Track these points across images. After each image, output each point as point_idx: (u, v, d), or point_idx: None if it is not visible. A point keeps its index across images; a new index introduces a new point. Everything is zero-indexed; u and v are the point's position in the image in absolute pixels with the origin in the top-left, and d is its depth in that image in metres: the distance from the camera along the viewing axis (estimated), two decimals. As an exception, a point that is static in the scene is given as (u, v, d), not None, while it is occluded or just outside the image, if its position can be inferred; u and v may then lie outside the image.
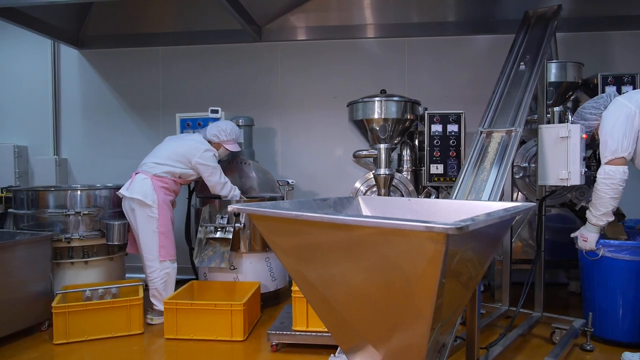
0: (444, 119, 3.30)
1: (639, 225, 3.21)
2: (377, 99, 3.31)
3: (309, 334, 2.70)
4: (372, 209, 2.13)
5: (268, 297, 3.59)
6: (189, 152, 3.33)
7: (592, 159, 3.50)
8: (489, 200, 2.32)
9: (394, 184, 3.51)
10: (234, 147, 3.50)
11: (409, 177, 3.63)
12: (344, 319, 1.60)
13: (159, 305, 3.22)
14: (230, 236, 3.34)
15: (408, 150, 3.66)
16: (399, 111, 3.31)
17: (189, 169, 3.34)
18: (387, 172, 3.31)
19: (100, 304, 2.99)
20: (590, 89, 3.40)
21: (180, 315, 2.92)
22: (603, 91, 3.23)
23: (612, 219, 2.65)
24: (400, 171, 3.65)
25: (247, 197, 3.52)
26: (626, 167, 2.56)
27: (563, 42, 3.69)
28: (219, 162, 3.44)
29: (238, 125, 3.82)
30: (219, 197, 3.42)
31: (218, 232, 3.40)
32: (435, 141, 3.31)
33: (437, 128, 3.31)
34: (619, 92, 3.24)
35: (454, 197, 2.44)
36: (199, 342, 2.89)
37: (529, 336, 2.91)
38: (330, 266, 1.49)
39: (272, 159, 4.43)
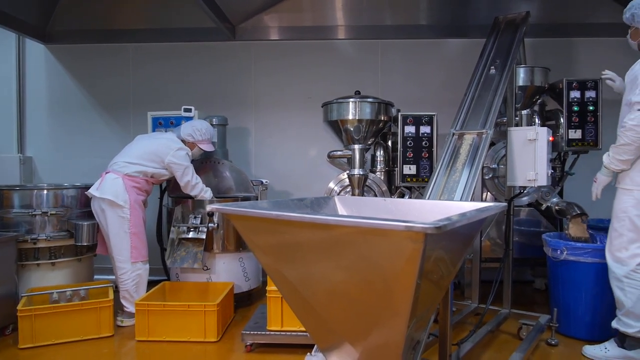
0: (417, 121, 3.36)
1: None
2: (351, 100, 3.34)
3: (284, 333, 2.71)
4: (348, 208, 2.15)
5: (241, 298, 3.57)
6: (161, 151, 3.28)
7: (556, 161, 3.63)
8: (461, 200, 2.38)
9: (367, 184, 3.54)
10: (208, 147, 3.48)
11: (382, 178, 3.67)
12: (322, 317, 1.61)
13: (129, 307, 3.16)
14: (204, 236, 3.31)
15: (381, 151, 3.70)
16: (373, 112, 3.34)
17: (162, 169, 3.30)
18: (361, 173, 3.34)
19: (69, 306, 2.90)
20: (556, 93, 3.53)
21: (152, 316, 2.87)
22: (569, 96, 3.36)
23: (628, 168, 2.51)
24: (373, 171, 3.69)
25: (221, 197, 3.50)
26: None
27: (531, 48, 3.82)
28: (192, 161, 3.40)
29: (212, 125, 3.78)
30: (191, 197, 3.38)
31: (191, 232, 3.36)
32: (408, 142, 3.36)
33: (410, 129, 3.37)
34: (582, 97, 3.39)
35: (427, 197, 2.48)
36: (172, 343, 2.85)
37: (498, 332, 3.00)
38: (309, 265, 1.50)
39: (245, 159, 4.41)
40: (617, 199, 2.57)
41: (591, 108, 3.34)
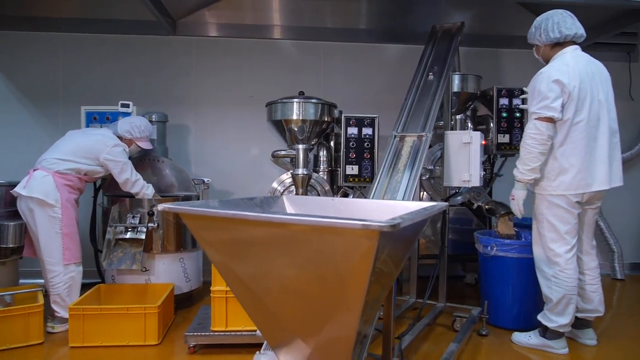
0: (360, 122, 3.45)
1: None
2: (295, 100, 3.38)
3: (229, 333, 2.68)
4: (297, 207, 2.18)
5: (182, 299, 3.49)
6: (96, 148, 3.13)
7: (486, 163, 3.88)
8: (403, 199, 2.48)
9: (310, 183, 3.59)
10: (146, 145, 3.37)
11: (325, 177, 3.74)
12: (274, 314, 1.63)
13: (61, 312, 2.99)
14: (143, 237, 3.20)
15: (324, 151, 3.77)
16: (317, 113, 3.40)
17: (97, 166, 3.14)
18: (305, 172, 3.39)
19: (-7, 313, 2.71)
20: (487, 100, 3.77)
21: (88, 321, 2.74)
22: (498, 102, 3.60)
23: (538, 175, 2.69)
24: (317, 171, 3.75)
25: (161, 196, 3.40)
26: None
27: (465, 56, 4.04)
28: (130, 159, 3.27)
29: (151, 121, 3.68)
30: (129, 195, 3.26)
31: (129, 233, 3.24)
32: (351, 143, 3.44)
33: (352, 131, 3.45)
34: (509, 104, 3.64)
35: (371, 196, 2.57)
36: (109, 348, 2.73)
37: (434, 325, 3.16)
38: (264, 263, 1.51)
39: (185, 157, 4.31)
40: (535, 202, 2.80)
41: (518, 115, 3.60)
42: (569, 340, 2.81)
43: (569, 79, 2.57)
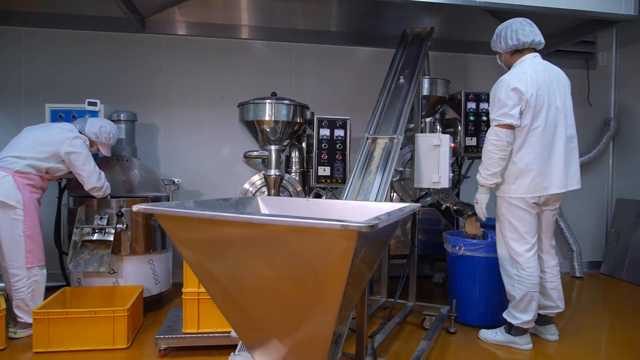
0: (332, 124, 3.48)
1: None
2: (268, 101, 3.37)
3: (201, 335, 2.66)
4: (271, 208, 2.19)
5: (150, 301, 3.43)
6: (56, 141, 3.00)
7: (454, 165, 3.98)
8: (375, 201, 2.53)
9: (282, 184, 3.59)
10: (107, 152, 3.31)
11: (297, 179, 3.75)
12: (250, 315, 1.64)
13: (24, 317, 2.89)
14: (111, 238, 3.14)
15: (297, 152, 3.78)
16: (289, 114, 3.40)
17: (58, 163, 3.03)
18: (278, 173, 3.39)
19: (-50, 318, 2.59)
20: (455, 104, 3.87)
21: (53, 325, 2.66)
22: (466, 106, 3.70)
23: (500, 180, 2.79)
24: (289, 172, 3.76)
25: (130, 197, 3.33)
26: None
27: (434, 60, 4.13)
28: (96, 158, 3.20)
29: (119, 120, 3.61)
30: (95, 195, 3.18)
31: (96, 234, 3.16)
32: (323, 144, 3.47)
33: (325, 132, 3.48)
34: (477, 108, 3.75)
35: (344, 197, 2.60)
36: (76, 353, 2.66)
37: (405, 324, 3.22)
38: (241, 263, 1.52)
39: (154, 157, 4.23)
40: (497, 204, 2.91)
41: (484, 118, 3.71)
42: (532, 336, 2.92)
43: (527, 87, 2.67)
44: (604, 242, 5.04)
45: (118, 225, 3.16)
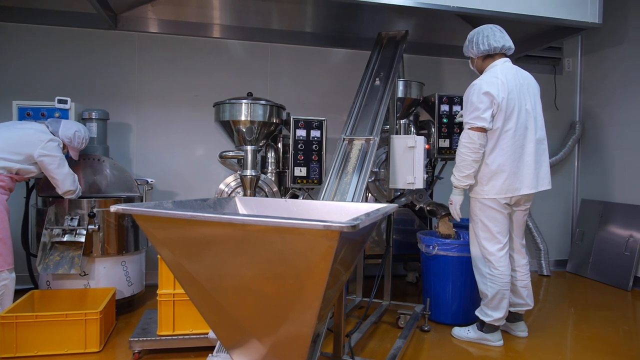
0: (308, 125, 3.50)
1: None
2: (244, 101, 3.36)
3: (176, 337, 2.63)
4: (249, 209, 2.18)
5: (123, 304, 3.36)
6: (29, 143, 2.92)
7: (428, 167, 4.05)
8: (352, 201, 2.55)
9: (258, 184, 3.59)
10: (76, 156, 3.27)
11: (273, 179, 3.74)
12: (230, 315, 1.63)
13: (-9, 322, 2.79)
14: (82, 239, 3.07)
15: (273, 153, 3.78)
16: (266, 114, 3.40)
17: (30, 165, 2.95)
18: (254, 174, 3.38)
19: None
20: (429, 106, 3.94)
21: (22, 329, 2.58)
22: (439, 109, 3.78)
23: (473, 182, 2.88)
24: (265, 173, 3.75)
25: (103, 197, 3.26)
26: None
27: (409, 63, 4.20)
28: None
29: (91, 119, 3.54)
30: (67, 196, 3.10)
31: (67, 236, 3.08)
32: (299, 145, 3.48)
33: (301, 133, 3.49)
34: (450, 110, 3.84)
35: (321, 198, 2.61)
36: (46, 358, 2.59)
37: (380, 323, 3.26)
38: (221, 264, 1.51)
39: (126, 156, 4.15)
40: (470, 205, 2.99)
41: (457, 120, 3.79)
42: (503, 333, 3.00)
43: (498, 90, 2.76)
44: (569, 241, 5.22)
45: (90, 226, 3.10)
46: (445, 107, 3.79)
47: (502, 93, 2.76)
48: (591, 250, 4.79)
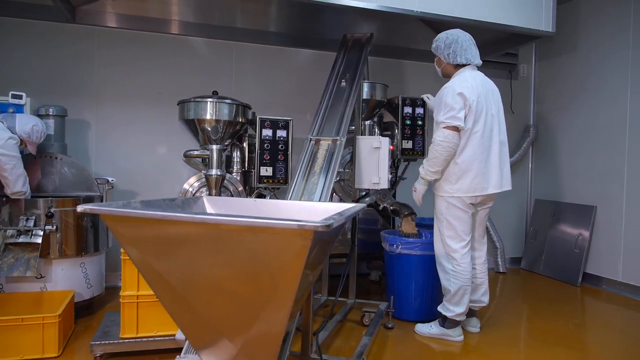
0: (274, 125, 3.49)
1: None
2: (209, 100, 3.33)
3: (140, 340, 2.57)
4: (218, 208, 2.17)
5: (82, 307, 3.26)
6: None
7: (391, 167, 4.13)
8: (320, 201, 2.58)
9: (224, 184, 3.56)
10: (34, 151, 3.18)
11: (238, 178, 3.72)
12: (200, 315, 1.62)
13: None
14: (39, 240, 2.95)
15: (238, 152, 3.75)
16: (231, 114, 3.38)
17: None
18: (219, 173, 3.35)
19: None
20: (392, 108, 4.02)
21: (-27, 335, 2.46)
22: (403, 111, 3.86)
23: (439, 177, 2.99)
24: (230, 172, 3.72)
25: (61, 196, 3.15)
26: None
27: (373, 65, 4.26)
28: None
29: (48, 115, 3.42)
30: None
31: (21, 237, 2.96)
32: (265, 145, 3.47)
33: (267, 132, 3.48)
34: (413, 112, 3.93)
35: (289, 198, 2.62)
36: (0, 364, 2.49)
37: (345, 321, 3.30)
38: (192, 263, 1.50)
39: (85, 155, 4.01)
40: (435, 203, 3.09)
41: (420, 122, 3.90)
42: (457, 328, 3.11)
43: (470, 93, 2.87)
44: (524, 239, 5.45)
45: (47, 227, 2.98)
46: (408, 109, 3.88)
47: (473, 96, 2.88)
48: (544, 248, 5.03)
